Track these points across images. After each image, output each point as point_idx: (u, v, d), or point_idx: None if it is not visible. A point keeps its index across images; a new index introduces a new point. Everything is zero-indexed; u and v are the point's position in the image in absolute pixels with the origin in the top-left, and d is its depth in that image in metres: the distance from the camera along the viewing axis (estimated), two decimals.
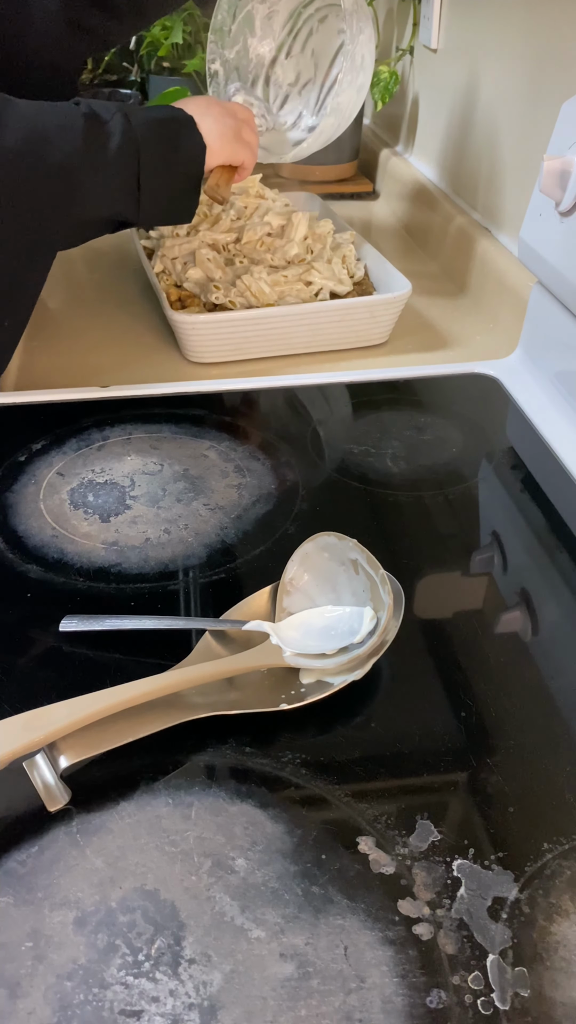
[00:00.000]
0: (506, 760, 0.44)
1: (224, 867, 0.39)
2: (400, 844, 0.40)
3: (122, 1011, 0.34)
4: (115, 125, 0.70)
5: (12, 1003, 0.34)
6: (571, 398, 0.73)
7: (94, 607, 0.53)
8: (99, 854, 0.40)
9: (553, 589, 0.56)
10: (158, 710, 0.44)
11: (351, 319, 0.86)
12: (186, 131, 0.76)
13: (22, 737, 0.40)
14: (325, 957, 0.36)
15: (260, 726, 0.45)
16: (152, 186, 0.73)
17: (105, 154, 0.70)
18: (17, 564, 0.57)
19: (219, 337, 0.84)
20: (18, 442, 0.70)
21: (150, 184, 0.73)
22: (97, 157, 0.69)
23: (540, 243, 0.73)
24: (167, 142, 0.74)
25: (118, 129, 0.70)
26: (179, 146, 0.75)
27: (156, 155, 0.72)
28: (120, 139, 0.70)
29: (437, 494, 0.65)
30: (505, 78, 0.95)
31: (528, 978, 0.35)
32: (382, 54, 1.34)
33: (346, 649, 0.48)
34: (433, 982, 0.35)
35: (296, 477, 0.66)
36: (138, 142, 0.71)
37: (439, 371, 0.82)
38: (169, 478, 0.66)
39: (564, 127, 0.70)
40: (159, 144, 0.73)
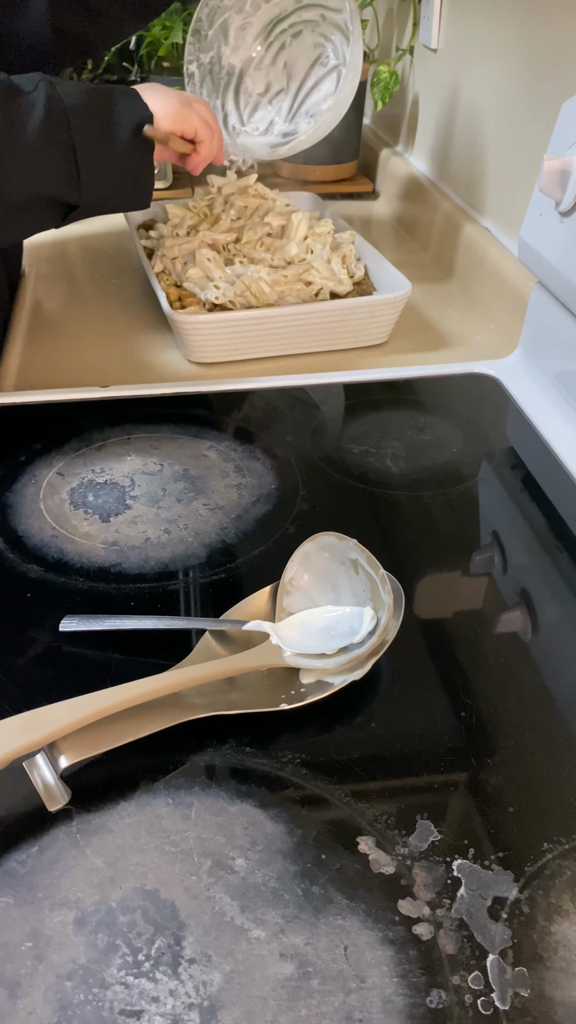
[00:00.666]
0: (506, 760, 0.44)
1: (224, 867, 0.39)
2: (400, 844, 0.40)
3: (122, 1011, 0.34)
4: (37, 95, 0.62)
5: (12, 1003, 0.34)
6: (571, 398, 0.73)
7: (94, 607, 0.53)
8: (99, 854, 0.40)
9: (553, 589, 0.56)
10: (158, 710, 0.44)
11: (351, 319, 0.86)
12: (125, 98, 0.67)
13: (22, 737, 0.40)
14: (325, 957, 0.36)
15: (260, 726, 0.45)
16: (91, 159, 0.65)
17: (27, 126, 0.61)
18: (17, 564, 0.57)
19: (219, 337, 0.84)
20: (18, 442, 0.70)
21: (89, 157, 0.64)
22: (18, 131, 0.61)
23: (540, 243, 0.73)
24: (102, 110, 0.65)
25: (40, 98, 0.62)
26: (117, 112, 0.66)
27: (92, 123, 0.64)
28: (43, 110, 0.62)
29: (437, 494, 0.65)
30: (505, 78, 0.95)
31: (528, 978, 0.35)
32: (382, 54, 1.34)
33: (346, 649, 0.48)
34: (433, 982, 0.35)
35: (296, 477, 0.66)
36: (67, 110, 0.63)
37: (439, 371, 0.82)
38: (169, 478, 0.66)
39: (564, 127, 0.70)
40: (94, 112, 0.65)
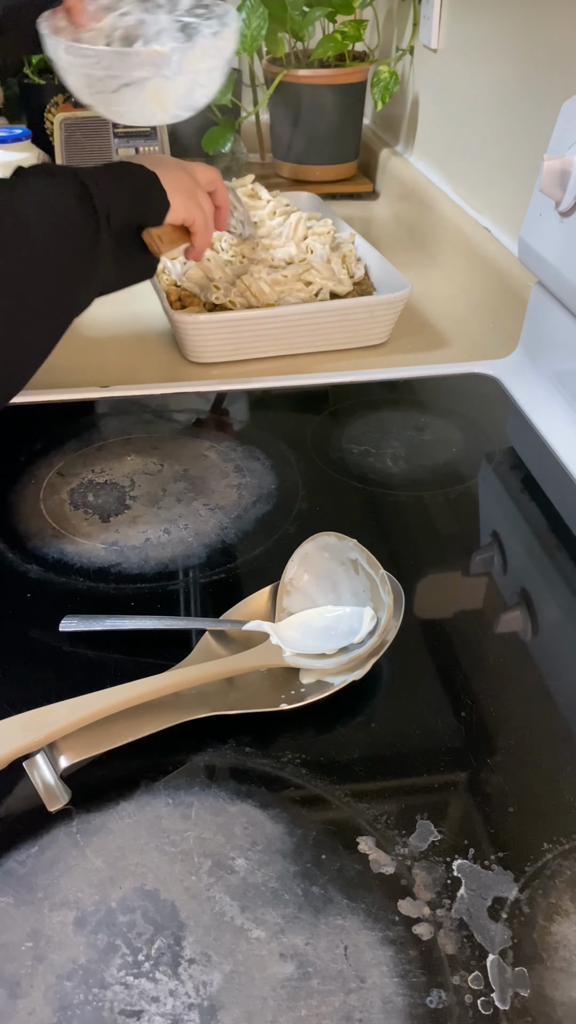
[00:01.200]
0: (506, 760, 0.44)
1: (224, 867, 0.39)
2: (400, 844, 0.40)
3: (122, 1011, 0.34)
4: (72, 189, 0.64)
5: (12, 1003, 0.34)
6: (571, 398, 0.73)
7: (94, 607, 0.53)
8: (99, 854, 0.40)
9: (553, 589, 0.56)
10: (158, 710, 0.44)
11: (351, 319, 0.86)
12: (151, 192, 0.70)
13: (22, 737, 0.40)
14: (325, 957, 0.36)
15: (260, 726, 0.45)
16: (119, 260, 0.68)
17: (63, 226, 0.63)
18: (17, 564, 0.57)
19: (219, 337, 0.84)
20: (18, 442, 0.70)
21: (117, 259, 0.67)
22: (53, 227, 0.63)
23: (540, 243, 0.73)
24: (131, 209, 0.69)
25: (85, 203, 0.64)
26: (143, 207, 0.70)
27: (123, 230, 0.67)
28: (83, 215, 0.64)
29: (437, 494, 0.65)
30: (505, 78, 0.95)
31: (528, 978, 0.35)
32: (382, 54, 1.34)
33: (346, 649, 0.48)
34: (433, 982, 0.35)
35: (296, 477, 0.66)
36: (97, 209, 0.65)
37: (439, 371, 0.82)
38: (169, 478, 0.66)
39: (564, 127, 0.70)
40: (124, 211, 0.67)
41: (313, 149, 1.29)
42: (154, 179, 0.71)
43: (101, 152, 1.25)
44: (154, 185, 0.71)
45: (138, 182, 0.71)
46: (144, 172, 0.71)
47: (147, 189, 0.71)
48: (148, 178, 0.71)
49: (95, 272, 0.66)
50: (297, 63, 1.24)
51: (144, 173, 0.71)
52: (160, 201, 0.71)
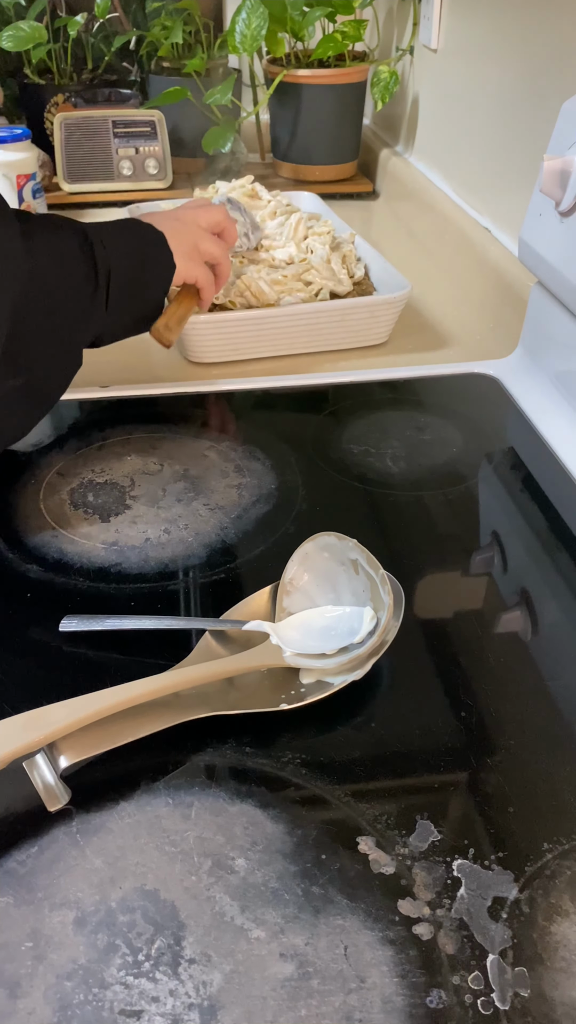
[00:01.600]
0: (506, 760, 0.44)
1: (224, 867, 0.39)
2: (400, 844, 0.40)
3: (122, 1011, 0.34)
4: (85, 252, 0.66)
5: (12, 1003, 0.34)
6: (571, 398, 0.73)
7: (94, 607, 0.53)
8: (99, 854, 0.40)
9: (553, 589, 0.56)
10: (158, 710, 0.44)
11: (351, 319, 0.86)
12: (156, 258, 0.71)
13: (22, 737, 0.40)
14: (325, 957, 0.36)
15: (260, 726, 0.45)
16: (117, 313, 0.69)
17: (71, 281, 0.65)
18: (17, 564, 0.57)
19: (219, 337, 0.84)
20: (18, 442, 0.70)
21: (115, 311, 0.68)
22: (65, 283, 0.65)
23: (540, 243, 0.73)
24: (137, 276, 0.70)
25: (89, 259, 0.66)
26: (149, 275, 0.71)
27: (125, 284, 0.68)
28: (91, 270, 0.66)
29: (437, 494, 0.65)
30: (505, 78, 0.95)
31: (528, 978, 0.35)
32: (382, 54, 1.34)
33: (346, 649, 0.48)
34: (433, 982, 0.35)
35: (296, 477, 0.66)
36: (109, 273, 0.67)
37: (439, 371, 0.82)
38: (169, 478, 0.66)
39: (564, 127, 0.70)
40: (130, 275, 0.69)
41: (313, 149, 1.29)
42: (161, 240, 0.71)
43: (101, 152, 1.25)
44: (161, 247, 0.71)
45: (144, 244, 0.71)
46: (152, 233, 0.72)
47: (152, 251, 0.71)
48: (155, 239, 0.72)
49: (90, 325, 0.67)
50: (297, 63, 1.25)
51: (152, 235, 0.71)
52: (166, 263, 0.72)
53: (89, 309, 0.66)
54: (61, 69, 1.33)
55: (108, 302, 0.67)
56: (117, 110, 1.27)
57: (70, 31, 1.26)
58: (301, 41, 1.23)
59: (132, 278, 0.69)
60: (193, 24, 1.29)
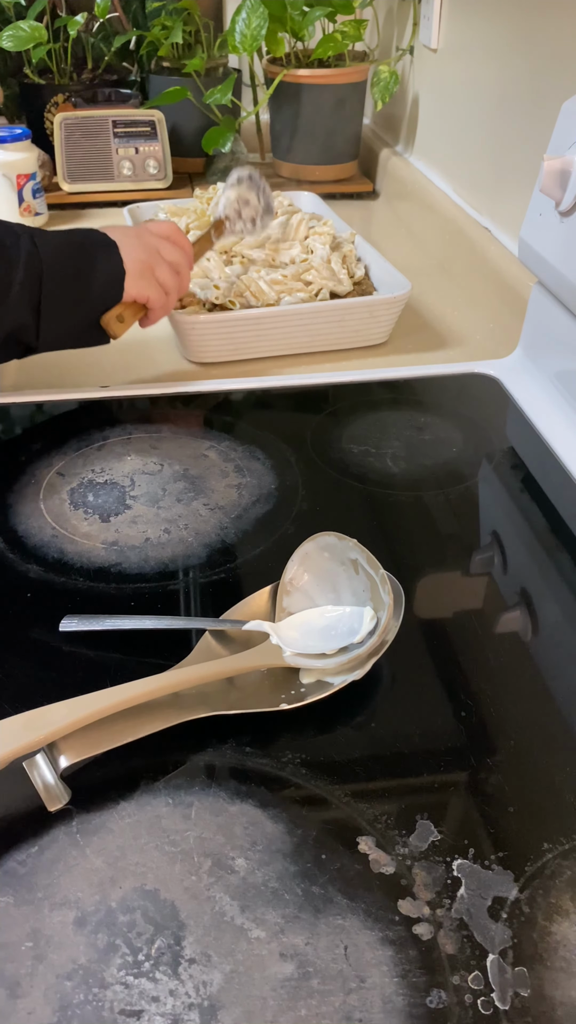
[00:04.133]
0: (506, 760, 0.44)
1: (224, 867, 0.39)
2: (400, 844, 0.40)
3: (122, 1011, 0.34)
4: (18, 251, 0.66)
5: (12, 1003, 0.34)
6: (571, 398, 0.73)
7: (94, 607, 0.53)
8: (99, 854, 0.40)
9: (553, 589, 0.56)
10: (158, 710, 0.44)
11: (351, 319, 0.86)
12: (102, 257, 0.71)
13: (22, 737, 0.40)
14: (325, 957, 0.36)
15: (260, 726, 0.45)
16: (54, 317, 0.69)
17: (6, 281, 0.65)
18: (17, 564, 0.57)
19: (219, 337, 0.84)
20: (18, 442, 0.70)
21: (51, 315, 0.68)
22: None
23: (540, 243, 0.73)
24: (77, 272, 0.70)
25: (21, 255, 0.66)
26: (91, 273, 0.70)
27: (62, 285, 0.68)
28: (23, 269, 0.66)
29: (437, 494, 0.65)
30: (505, 78, 0.95)
31: (528, 978, 0.35)
32: (382, 54, 1.34)
33: (346, 649, 0.48)
34: (433, 982, 0.35)
35: (296, 477, 0.66)
36: (41, 270, 0.67)
37: (439, 371, 0.82)
38: (169, 478, 0.66)
39: (564, 127, 0.70)
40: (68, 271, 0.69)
41: (313, 149, 1.29)
42: (110, 243, 0.71)
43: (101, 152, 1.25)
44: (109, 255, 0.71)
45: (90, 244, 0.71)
46: (100, 236, 0.72)
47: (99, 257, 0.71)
48: (103, 241, 0.71)
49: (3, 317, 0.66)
50: (297, 63, 1.24)
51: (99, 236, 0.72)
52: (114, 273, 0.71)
53: None
54: (61, 69, 1.33)
55: (39, 302, 0.66)
56: (117, 110, 1.27)
57: (70, 31, 1.26)
58: (301, 41, 1.23)
59: (70, 276, 0.68)
60: (193, 24, 1.29)
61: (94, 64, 1.38)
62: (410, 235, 1.19)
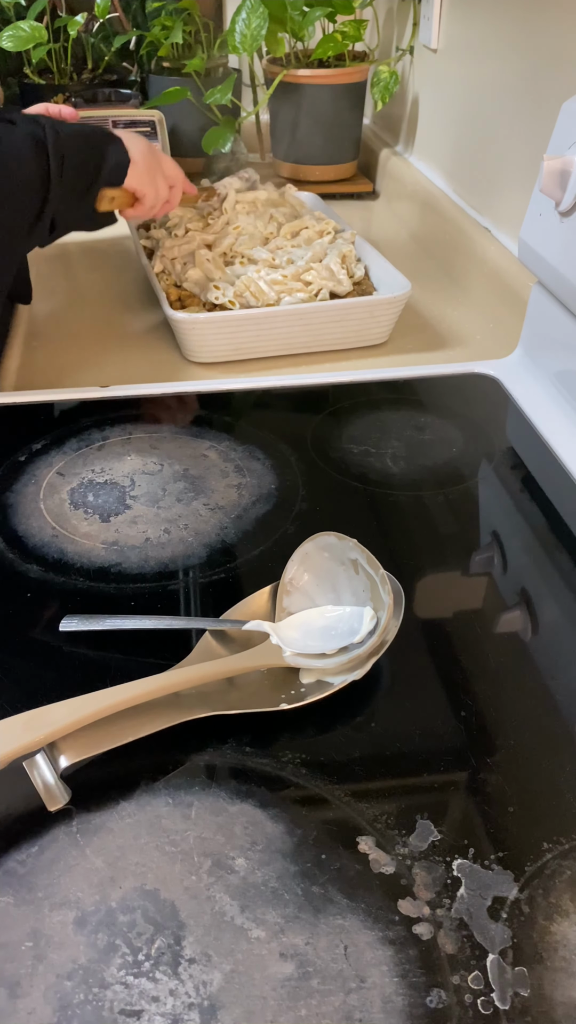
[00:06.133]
0: (506, 760, 0.44)
1: (224, 867, 0.39)
2: (400, 844, 0.40)
3: (122, 1011, 0.34)
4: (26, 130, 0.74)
5: (12, 1003, 0.34)
6: (571, 398, 0.73)
7: (94, 607, 0.53)
8: (99, 854, 0.40)
9: (553, 589, 0.56)
10: (158, 710, 0.44)
11: (351, 319, 0.86)
12: (112, 146, 0.80)
13: (22, 737, 0.40)
14: (325, 957, 0.36)
15: (260, 726, 0.45)
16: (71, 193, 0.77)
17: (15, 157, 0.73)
18: (17, 564, 0.57)
19: (219, 337, 0.84)
20: (18, 442, 0.70)
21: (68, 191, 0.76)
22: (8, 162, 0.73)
23: (540, 243, 0.73)
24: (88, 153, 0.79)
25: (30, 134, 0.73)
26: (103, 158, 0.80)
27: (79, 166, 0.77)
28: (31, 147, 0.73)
29: (437, 494, 0.65)
30: (505, 78, 0.95)
31: (528, 978, 0.35)
32: (382, 54, 1.34)
33: (346, 649, 0.48)
34: (433, 982, 0.35)
35: (296, 477, 0.66)
36: (63, 153, 0.74)
37: (439, 371, 0.82)
38: (169, 478, 0.66)
39: (564, 127, 0.70)
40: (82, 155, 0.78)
41: (313, 149, 1.29)
42: (118, 142, 0.81)
43: None
44: (118, 147, 0.81)
45: (102, 140, 0.81)
46: (110, 135, 0.81)
47: (109, 148, 0.81)
48: (113, 139, 0.81)
49: (45, 210, 0.75)
50: (297, 63, 1.24)
51: (110, 136, 0.81)
52: (121, 161, 0.81)
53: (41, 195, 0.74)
54: (61, 69, 1.33)
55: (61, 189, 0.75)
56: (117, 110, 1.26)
57: (70, 31, 1.26)
58: (301, 41, 1.23)
59: (86, 168, 0.78)
60: (193, 24, 1.29)
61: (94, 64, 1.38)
62: (410, 235, 1.19)
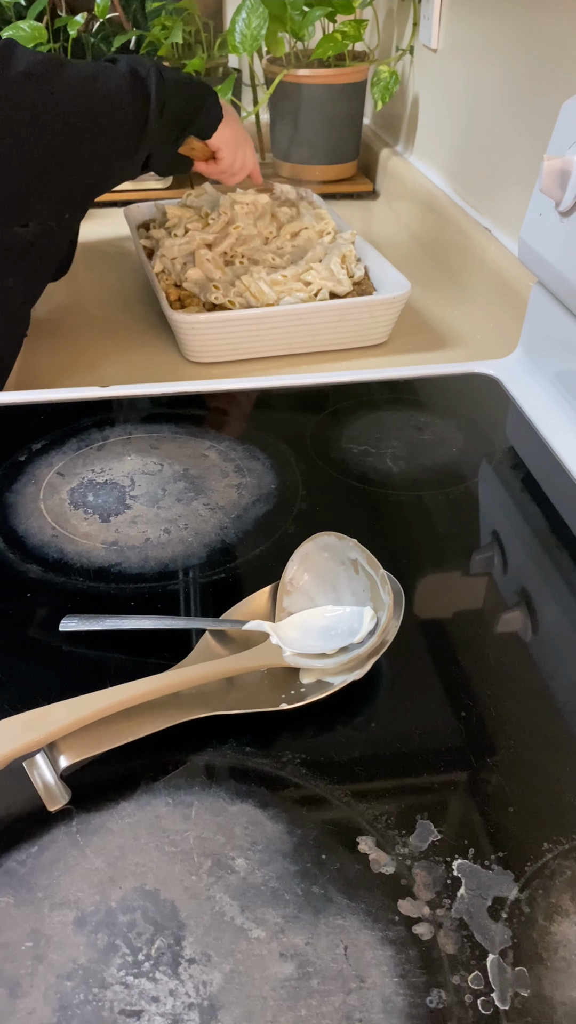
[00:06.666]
0: (506, 760, 0.44)
1: (224, 867, 0.39)
2: (400, 844, 0.40)
3: (122, 1011, 0.34)
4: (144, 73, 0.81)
5: (12, 1003, 0.34)
6: (571, 398, 0.73)
7: (94, 607, 0.53)
8: (99, 854, 0.40)
9: (553, 589, 0.56)
10: (158, 710, 0.44)
11: (351, 319, 0.86)
12: (212, 106, 0.89)
13: (22, 737, 0.40)
14: (325, 957, 0.36)
15: (260, 726, 0.45)
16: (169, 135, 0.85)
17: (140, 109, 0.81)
18: (17, 564, 0.57)
19: (219, 337, 0.84)
20: (18, 442, 0.70)
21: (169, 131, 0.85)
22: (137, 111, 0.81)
23: (540, 243, 0.73)
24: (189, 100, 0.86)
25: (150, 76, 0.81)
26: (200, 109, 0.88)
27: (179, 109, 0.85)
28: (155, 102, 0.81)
29: (437, 494, 0.65)
30: (505, 78, 0.95)
31: (528, 978, 0.35)
32: (382, 54, 1.34)
33: (346, 649, 0.48)
34: (433, 982, 0.35)
35: (296, 477, 0.66)
36: (165, 97, 0.82)
37: (439, 371, 0.82)
38: (169, 478, 0.66)
39: (564, 127, 0.70)
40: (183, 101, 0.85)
41: (313, 149, 1.29)
42: (215, 97, 0.89)
43: None
44: (215, 101, 0.89)
45: (203, 92, 0.88)
46: (210, 89, 0.89)
47: (208, 100, 0.88)
48: (212, 93, 0.89)
49: (140, 146, 0.83)
50: (297, 63, 1.25)
51: (210, 89, 0.89)
52: (215, 117, 0.89)
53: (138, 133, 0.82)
54: None
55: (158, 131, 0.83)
56: None
57: (70, 31, 1.26)
58: (301, 41, 1.23)
59: (182, 117, 0.86)
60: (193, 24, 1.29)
61: None
62: (410, 235, 1.19)
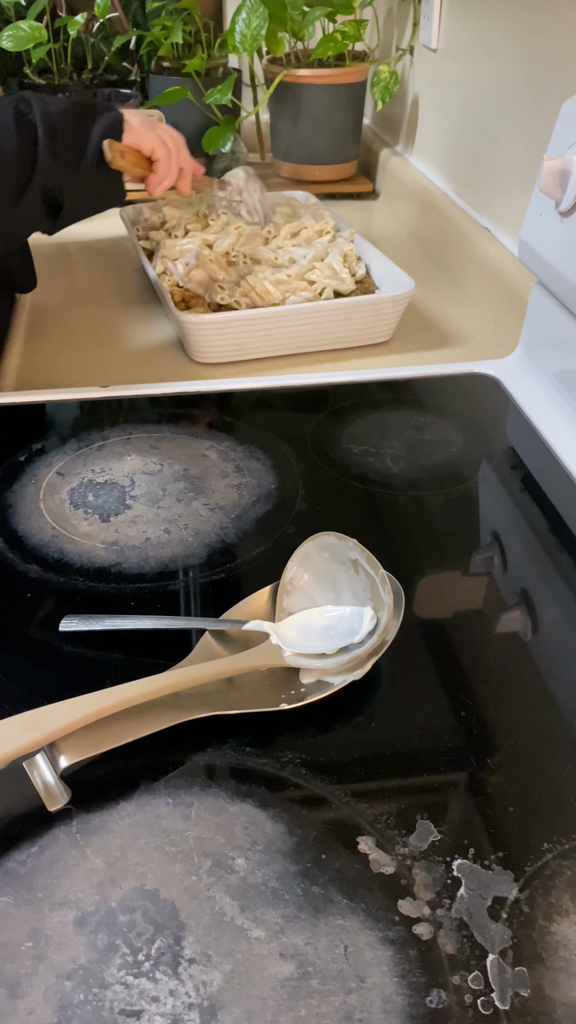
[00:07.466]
0: (506, 760, 0.44)
1: (224, 867, 0.39)
2: (400, 844, 0.40)
3: (122, 1011, 0.34)
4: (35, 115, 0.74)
5: (12, 1003, 0.34)
6: (571, 398, 0.73)
7: (94, 607, 0.53)
8: (99, 854, 0.40)
9: (553, 589, 0.56)
10: (158, 710, 0.44)
11: (356, 317, 0.86)
12: (99, 110, 0.79)
13: (22, 737, 0.40)
14: (325, 957, 0.36)
15: (260, 726, 0.45)
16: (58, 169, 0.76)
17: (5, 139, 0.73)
18: (17, 564, 0.57)
19: (225, 337, 0.84)
20: (18, 442, 0.70)
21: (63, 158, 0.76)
22: None
23: (540, 243, 0.73)
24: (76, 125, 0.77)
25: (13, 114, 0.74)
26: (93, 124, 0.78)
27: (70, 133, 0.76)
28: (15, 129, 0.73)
29: (437, 494, 0.65)
30: (505, 78, 0.95)
31: (528, 978, 0.35)
32: (382, 54, 1.34)
33: (346, 649, 0.48)
34: (433, 982, 0.35)
35: (296, 477, 0.66)
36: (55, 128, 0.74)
37: (439, 371, 0.82)
38: (169, 478, 0.66)
39: (564, 127, 0.70)
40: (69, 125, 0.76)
41: (313, 149, 1.29)
42: (110, 106, 0.81)
43: None
44: (109, 108, 0.80)
45: (94, 106, 0.80)
46: (103, 103, 0.81)
47: (101, 111, 0.79)
48: (106, 105, 0.80)
49: (35, 174, 0.74)
50: (297, 63, 1.24)
51: (102, 103, 0.81)
52: (114, 118, 0.79)
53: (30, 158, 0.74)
54: (61, 69, 1.33)
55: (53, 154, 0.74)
56: None
57: (70, 31, 1.26)
58: (301, 41, 1.23)
59: (77, 128, 0.77)
60: (193, 24, 1.29)
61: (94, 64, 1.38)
62: (410, 235, 1.19)
